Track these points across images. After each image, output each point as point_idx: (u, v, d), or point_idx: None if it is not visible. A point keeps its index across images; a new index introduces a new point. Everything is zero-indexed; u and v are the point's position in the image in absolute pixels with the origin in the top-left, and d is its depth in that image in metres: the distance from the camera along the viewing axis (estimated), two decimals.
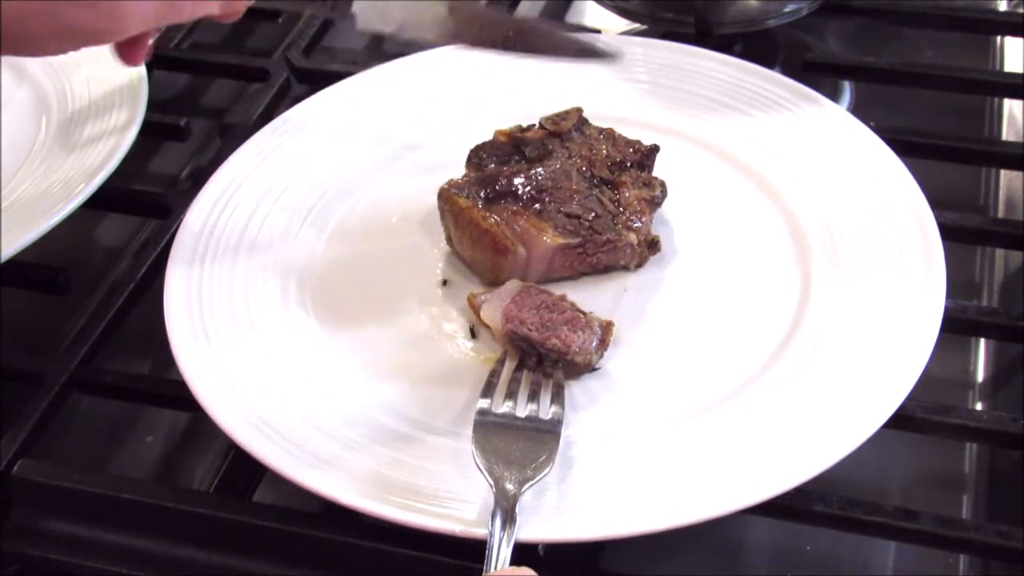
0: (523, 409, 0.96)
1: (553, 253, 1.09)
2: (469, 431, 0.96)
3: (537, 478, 0.89)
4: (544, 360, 1.02)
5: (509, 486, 0.88)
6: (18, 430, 1.02)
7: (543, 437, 0.93)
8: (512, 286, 1.06)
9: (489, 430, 0.94)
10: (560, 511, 0.89)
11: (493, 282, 1.09)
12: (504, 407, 0.96)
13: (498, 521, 0.85)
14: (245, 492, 1.02)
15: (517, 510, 0.86)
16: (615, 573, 0.95)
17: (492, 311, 1.04)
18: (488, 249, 1.08)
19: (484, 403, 0.96)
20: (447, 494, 0.91)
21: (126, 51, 1.02)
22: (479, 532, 0.87)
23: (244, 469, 1.00)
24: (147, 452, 1.13)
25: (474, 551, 0.88)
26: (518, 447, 0.92)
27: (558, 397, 0.97)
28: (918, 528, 0.93)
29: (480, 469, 0.90)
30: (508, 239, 1.07)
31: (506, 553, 0.84)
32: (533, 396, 0.98)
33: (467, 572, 0.90)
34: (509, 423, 0.95)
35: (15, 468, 1.00)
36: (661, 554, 0.98)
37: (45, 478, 1.01)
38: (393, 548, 0.92)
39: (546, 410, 0.96)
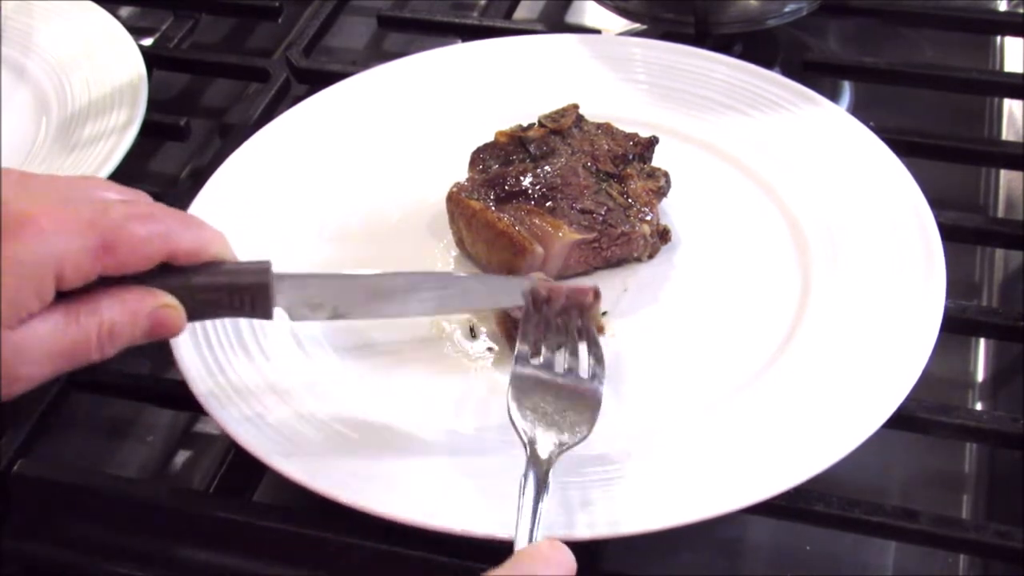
0: (562, 363, 0.94)
1: (570, 249, 1.09)
2: (466, 429, 0.97)
3: (574, 442, 0.88)
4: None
5: (544, 447, 0.87)
6: (18, 430, 1.02)
7: (583, 397, 0.92)
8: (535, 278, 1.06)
9: (527, 384, 0.92)
10: (559, 510, 0.89)
11: None
12: (542, 358, 0.94)
13: (531, 484, 0.84)
14: (245, 492, 1.02)
15: (550, 476, 0.85)
16: (615, 572, 0.95)
17: None
18: (505, 250, 1.08)
19: (523, 348, 0.95)
20: (445, 492, 0.91)
21: None
22: (477, 530, 0.87)
23: (244, 469, 1.00)
24: (147, 452, 1.13)
25: (474, 550, 0.88)
26: (556, 406, 0.91)
27: (596, 351, 0.95)
28: (918, 528, 0.93)
29: (516, 428, 0.89)
30: (525, 239, 1.07)
31: (538, 522, 0.82)
32: (572, 351, 0.95)
33: (467, 571, 0.90)
34: (548, 379, 0.93)
35: (15, 468, 1.00)
36: (661, 553, 0.98)
37: (45, 478, 1.01)
38: (393, 548, 0.92)
39: (586, 367, 0.94)
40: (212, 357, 1.02)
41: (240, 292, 0.91)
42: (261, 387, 1.00)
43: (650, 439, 0.96)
